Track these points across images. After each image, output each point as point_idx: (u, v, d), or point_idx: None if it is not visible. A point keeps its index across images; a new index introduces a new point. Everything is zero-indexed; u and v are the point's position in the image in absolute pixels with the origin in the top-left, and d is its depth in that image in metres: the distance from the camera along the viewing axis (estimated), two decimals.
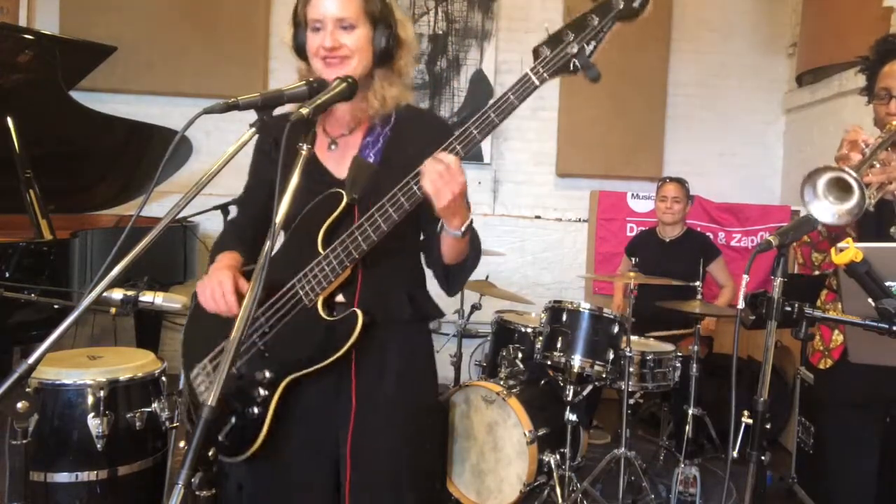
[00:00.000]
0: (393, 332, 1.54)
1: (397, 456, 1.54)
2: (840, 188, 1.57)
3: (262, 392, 1.50)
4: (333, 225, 1.46)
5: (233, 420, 1.53)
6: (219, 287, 1.48)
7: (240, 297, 1.48)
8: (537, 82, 1.29)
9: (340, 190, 1.48)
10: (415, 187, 1.36)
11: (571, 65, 1.26)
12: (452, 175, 1.32)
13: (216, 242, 1.73)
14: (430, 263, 1.58)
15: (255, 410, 1.51)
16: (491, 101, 1.34)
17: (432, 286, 1.65)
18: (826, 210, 1.57)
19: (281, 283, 1.51)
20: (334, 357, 1.44)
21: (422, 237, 1.61)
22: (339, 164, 1.55)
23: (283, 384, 1.49)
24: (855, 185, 1.54)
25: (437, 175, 1.32)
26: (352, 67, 1.46)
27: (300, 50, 1.52)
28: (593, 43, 1.23)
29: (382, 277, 1.52)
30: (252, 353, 1.54)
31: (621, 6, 1.19)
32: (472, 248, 1.53)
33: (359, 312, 1.43)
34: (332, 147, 1.57)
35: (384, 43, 1.48)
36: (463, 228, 1.42)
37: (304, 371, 1.47)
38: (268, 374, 1.50)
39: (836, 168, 1.59)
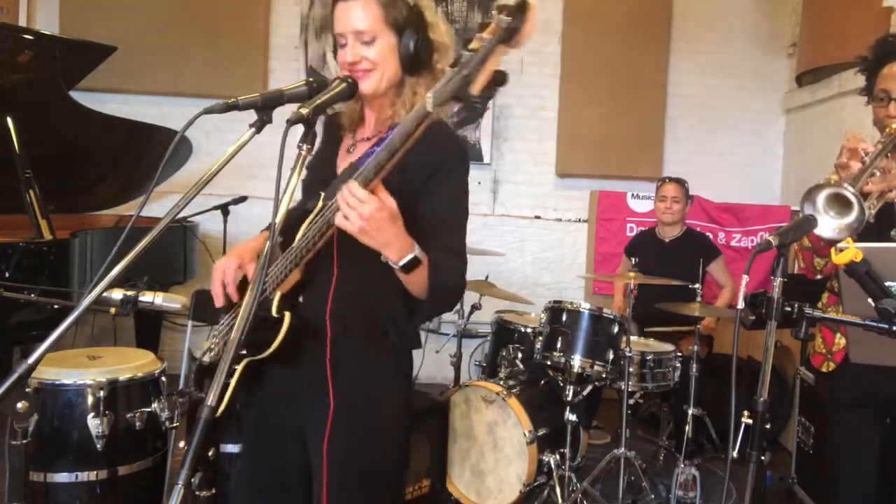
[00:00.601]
0: (347, 346, 1.50)
1: (363, 462, 1.51)
2: (840, 203, 1.58)
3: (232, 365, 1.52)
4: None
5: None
6: (220, 275, 1.52)
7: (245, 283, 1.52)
8: (430, 110, 1.18)
9: (322, 193, 1.46)
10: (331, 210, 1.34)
11: (458, 94, 1.14)
12: (360, 202, 1.27)
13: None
14: None
15: (225, 379, 1.53)
16: (397, 128, 1.27)
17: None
18: (827, 225, 1.57)
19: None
20: (266, 353, 1.44)
21: None
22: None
23: (241, 363, 1.49)
24: (854, 200, 1.54)
25: (343, 201, 1.28)
26: (376, 79, 1.45)
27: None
28: (479, 67, 1.12)
29: (350, 290, 1.50)
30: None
31: (504, 25, 1.12)
32: (432, 290, 1.40)
33: (286, 317, 1.41)
34: (351, 150, 1.58)
35: (412, 49, 1.44)
36: (401, 263, 1.33)
37: (254, 358, 1.47)
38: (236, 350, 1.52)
39: (834, 185, 1.59)
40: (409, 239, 1.35)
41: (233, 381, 1.50)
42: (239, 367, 1.50)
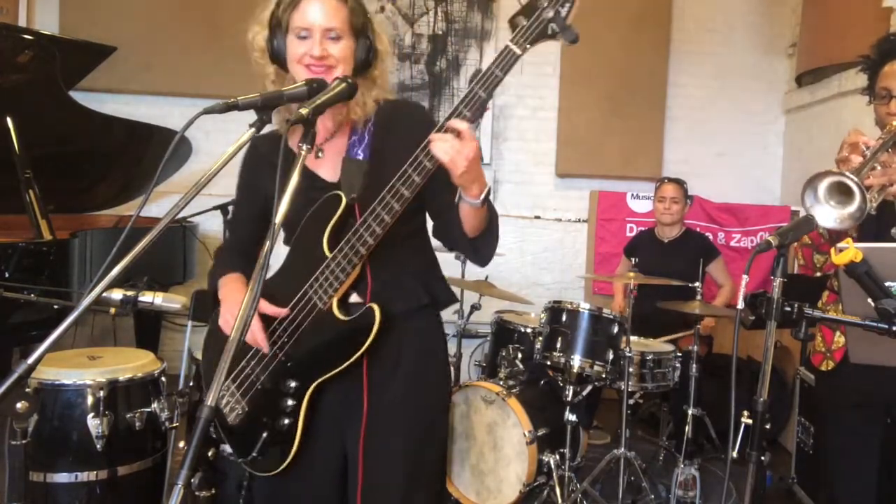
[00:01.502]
0: (409, 325, 1.55)
1: (409, 457, 1.54)
2: (841, 192, 1.57)
3: (289, 402, 1.52)
4: (337, 227, 1.48)
5: (264, 435, 1.55)
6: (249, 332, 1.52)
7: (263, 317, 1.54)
8: (518, 52, 1.30)
9: (339, 192, 1.49)
10: (425, 161, 1.36)
11: (549, 29, 1.27)
12: (465, 140, 1.33)
13: (212, 272, 1.72)
14: (452, 242, 1.58)
15: (286, 422, 1.53)
16: (477, 77, 1.35)
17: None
18: (828, 214, 1.57)
19: (294, 294, 1.53)
20: (357, 355, 1.46)
21: (436, 221, 1.61)
22: (328, 168, 1.58)
23: (309, 391, 1.50)
24: (856, 189, 1.53)
25: (448, 143, 1.33)
26: (335, 76, 1.48)
27: (277, 54, 1.56)
28: (567, 5, 1.24)
29: (391, 269, 1.54)
30: (274, 365, 1.55)
31: None
32: (491, 214, 1.53)
33: (375, 307, 1.45)
34: (320, 154, 1.60)
35: (364, 54, 1.52)
36: (482, 196, 1.41)
37: (329, 374, 1.49)
38: (293, 384, 1.52)
39: (836, 172, 1.58)
40: (483, 173, 1.43)
41: (301, 414, 1.51)
42: (307, 394, 1.51)
